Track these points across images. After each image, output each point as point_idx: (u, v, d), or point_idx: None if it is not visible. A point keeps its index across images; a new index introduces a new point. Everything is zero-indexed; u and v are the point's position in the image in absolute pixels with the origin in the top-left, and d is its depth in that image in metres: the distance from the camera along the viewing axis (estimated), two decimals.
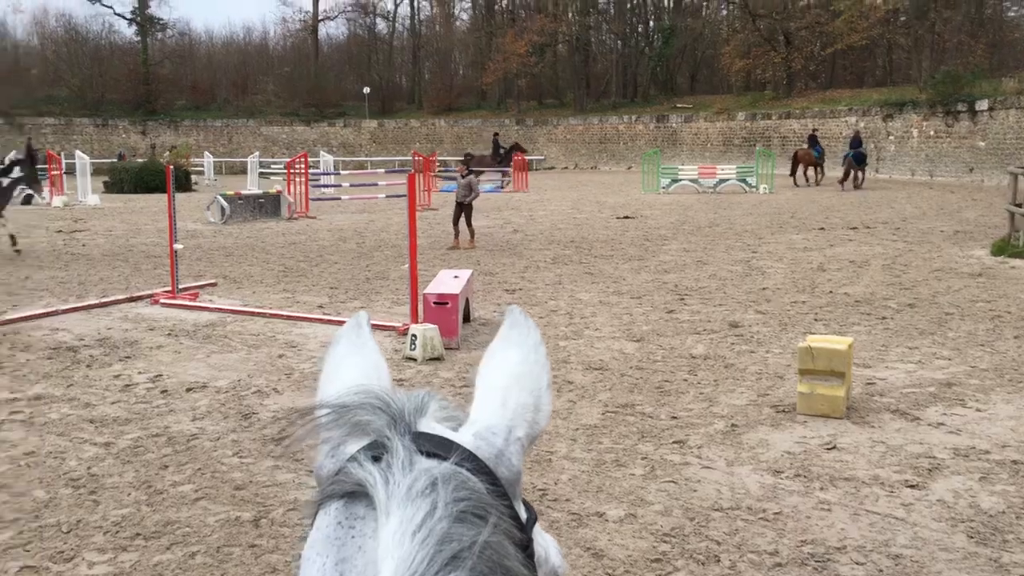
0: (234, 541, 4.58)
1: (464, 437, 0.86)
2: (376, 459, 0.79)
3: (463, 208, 16.56)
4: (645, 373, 7.84)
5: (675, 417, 6.60)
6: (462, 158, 17.84)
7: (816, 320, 9.97)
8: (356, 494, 0.79)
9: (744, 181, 30.80)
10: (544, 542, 0.92)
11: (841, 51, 46.45)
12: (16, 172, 15.61)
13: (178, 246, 11.48)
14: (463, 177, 16.96)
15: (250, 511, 4.94)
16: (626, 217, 22.15)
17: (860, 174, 30.59)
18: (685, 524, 4.72)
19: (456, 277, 9.83)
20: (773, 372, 7.83)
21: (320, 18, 64.80)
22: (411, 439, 0.81)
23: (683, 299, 11.29)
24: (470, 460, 0.82)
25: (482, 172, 28.95)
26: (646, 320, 10.06)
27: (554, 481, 5.34)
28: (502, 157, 35.10)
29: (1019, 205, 15.56)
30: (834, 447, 5.91)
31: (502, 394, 0.92)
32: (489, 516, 0.75)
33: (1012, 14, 49.51)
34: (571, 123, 53.43)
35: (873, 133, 37.63)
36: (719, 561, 4.30)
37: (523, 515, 0.86)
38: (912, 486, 5.23)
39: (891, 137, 37.01)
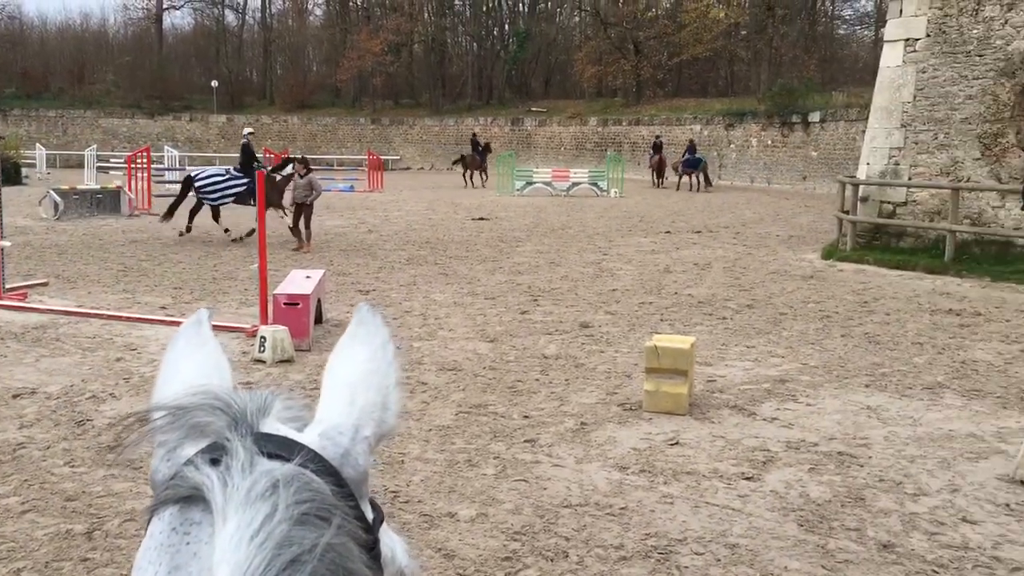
0: (64, 555, 4.33)
1: (309, 437, 0.84)
2: (215, 462, 0.77)
3: (303, 209, 16.00)
4: (498, 373, 7.91)
5: (527, 416, 6.69)
6: (299, 157, 17.49)
7: (662, 320, 10.33)
8: (192, 498, 0.76)
9: (596, 185, 31.58)
10: (391, 542, 0.91)
11: (687, 61, 48.32)
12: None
13: (5, 243, 10.75)
14: (302, 176, 16.15)
15: (82, 523, 4.68)
16: (481, 218, 22.30)
17: (699, 178, 32.81)
18: (535, 522, 4.80)
19: (308, 277, 9.63)
20: (621, 371, 8.06)
21: (165, 7, 62.19)
22: (252, 440, 0.79)
23: (536, 300, 11.46)
24: (314, 461, 0.80)
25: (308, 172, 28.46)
26: (500, 321, 10.15)
27: (406, 483, 5.31)
28: (480, 155, 35.29)
29: (846, 212, 16.62)
30: (677, 443, 6.14)
31: (349, 393, 0.90)
32: (333, 518, 0.74)
33: (842, 32, 52.86)
34: (427, 124, 53.36)
35: (716, 141, 39.32)
36: (567, 557, 4.39)
37: (370, 515, 0.85)
38: (748, 478, 5.50)
39: (732, 145, 38.76)
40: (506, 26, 60.69)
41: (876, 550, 4.54)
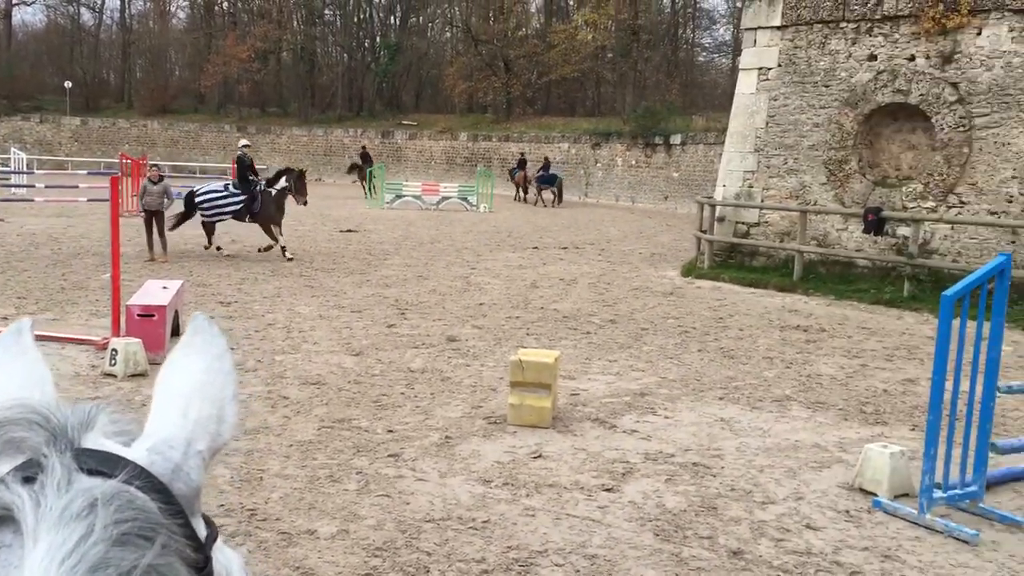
0: None
1: (137, 452, 0.81)
2: (28, 480, 0.72)
3: (154, 216, 15.32)
4: (363, 387, 7.83)
5: (391, 431, 6.64)
6: (153, 163, 16.86)
7: (528, 335, 10.45)
8: (2, 520, 0.72)
9: (465, 200, 31.72)
10: (226, 560, 0.89)
11: (556, 81, 49.25)
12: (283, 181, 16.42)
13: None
14: (155, 184, 15.36)
15: None
16: (349, 231, 22.04)
17: (553, 194, 34.59)
18: (397, 537, 4.76)
19: (165, 288, 9.28)
20: (487, 385, 8.10)
21: (14, 2, 58.84)
22: (72, 456, 0.75)
23: (403, 313, 11.40)
24: (141, 476, 0.77)
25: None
26: (366, 334, 10.05)
27: (264, 500, 5.18)
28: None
29: (704, 231, 17.28)
30: (540, 455, 6.22)
31: (183, 404, 0.87)
32: (157, 537, 0.71)
33: (702, 59, 55.04)
34: (295, 133, 52.32)
35: (583, 160, 40.18)
36: (428, 572, 4.37)
37: (203, 533, 0.82)
38: (608, 489, 5.62)
39: (599, 164, 39.69)
40: (377, 38, 60.28)
41: (727, 557, 4.72)
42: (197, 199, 16.03)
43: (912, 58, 14.53)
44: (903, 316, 12.75)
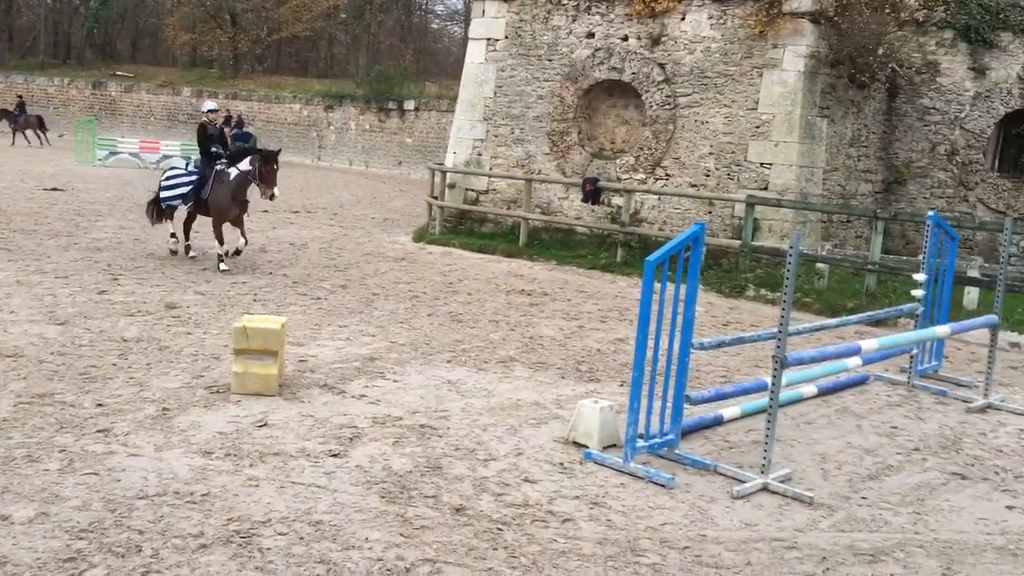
0: None
1: None
2: None
3: None
4: (69, 359, 7.24)
5: (101, 404, 6.21)
6: None
7: (255, 300, 10.13)
8: None
9: (189, 159, 29.99)
10: None
11: (287, 39, 47.61)
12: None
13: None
14: None
15: None
16: (54, 189, 20.15)
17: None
18: (106, 517, 4.47)
19: None
20: (210, 353, 7.78)
21: None
22: None
23: (117, 279, 10.65)
24: None
25: None
26: (73, 302, 9.28)
27: None
28: None
29: (436, 197, 17.53)
30: (265, 424, 6.08)
31: None
32: None
33: (435, 26, 55.45)
34: None
35: (316, 122, 39.26)
36: (140, 551, 4.15)
37: None
38: (335, 455, 5.61)
39: (332, 127, 38.98)
40: None
41: (450, 514, 4.87)
42: (161, 179, 12.69)
43: (626, 38, 15.49)
44: (616, 280, 13.68)
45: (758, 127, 14.33)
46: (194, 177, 12.20)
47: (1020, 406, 8.05)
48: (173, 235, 12.58)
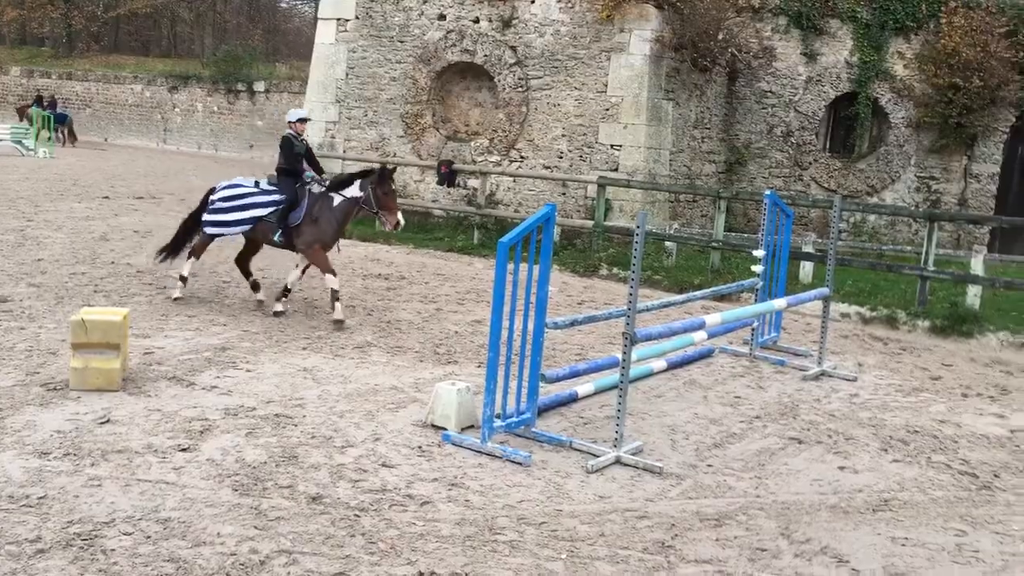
0: None
1: None
2: None
3: None
4: None
5: None
6: None
7: (96, 292, 9.65)
8: None
9: (20, 143, 28.15)
10: None
11: (125, 16, 45.23)
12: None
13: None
14: None
15: None
16: None
17: (63, 134, 32.82)
18: None
19: None
20: (46, 348, 7.38)
21: None
22: None
23: None
24: None
25: None
26: None
27: None
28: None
29: None
30: (108, 420, 5.82)
31: None
32: None
33: (284, 5, 53.95)
34: None
35: (160, 104, 37.58)
36: None
37: None
38: (184, 449, 5.43)
39: (177, 109, 37.41)
40: None
41: (306, 503, 4.81)
42: (213, 197, 9.79)
43: (477, 20, 15.53)
44: (473, 262, 13.75)
45: (607, 110, 14.68)
46: (273, 198, 9.46)
47: (850, 372, 8.61)
48: (183, 278, 9.78)
